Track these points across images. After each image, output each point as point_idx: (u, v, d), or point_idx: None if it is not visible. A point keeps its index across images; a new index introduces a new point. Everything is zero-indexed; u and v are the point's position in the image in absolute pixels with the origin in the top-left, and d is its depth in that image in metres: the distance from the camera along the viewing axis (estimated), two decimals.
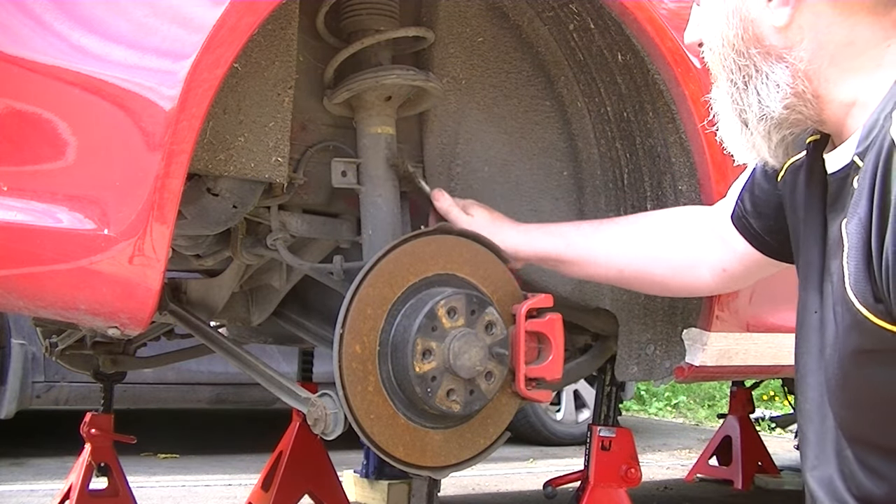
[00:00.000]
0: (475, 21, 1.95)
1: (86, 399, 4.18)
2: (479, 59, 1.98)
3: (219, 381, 4.72)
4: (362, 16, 1.80)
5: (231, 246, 1.98)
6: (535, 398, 1.73)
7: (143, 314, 1.41)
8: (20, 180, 1.37)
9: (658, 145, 1.94)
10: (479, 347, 1.62)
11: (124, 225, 1.34)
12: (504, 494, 4.61)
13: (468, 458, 1.73)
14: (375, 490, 3.82)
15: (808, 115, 1.12)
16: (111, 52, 1.37)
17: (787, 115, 1.12)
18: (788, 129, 1.15)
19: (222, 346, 2.05)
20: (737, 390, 4.93)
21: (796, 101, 1.11)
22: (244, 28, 1.41)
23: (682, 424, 8.47)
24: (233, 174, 1.64)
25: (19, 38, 1.37)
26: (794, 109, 1.11)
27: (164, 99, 1.34)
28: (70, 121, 1.37)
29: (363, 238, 1.81)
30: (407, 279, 1.64)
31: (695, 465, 5.04)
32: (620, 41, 1.86)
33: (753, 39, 1.09)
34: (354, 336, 1.59)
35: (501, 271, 1.75)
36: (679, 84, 1.81)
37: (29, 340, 4.13)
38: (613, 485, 2.30)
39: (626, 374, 2.06)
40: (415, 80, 1.79)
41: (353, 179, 1.80)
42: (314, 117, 1.86)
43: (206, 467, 4.68)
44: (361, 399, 1.60)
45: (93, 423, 2.99)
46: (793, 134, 1.16)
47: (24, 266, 1.39)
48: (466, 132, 1.99)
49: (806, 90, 1.09)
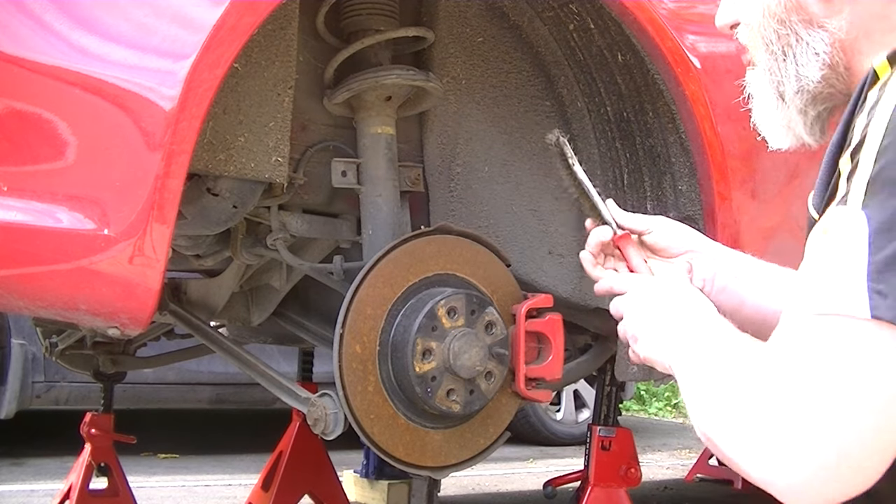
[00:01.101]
0: (475, 21, 1.95)
1: (86, 399, 4.18)
2: (479, 59, 1.98)
3: (219, 381, 4.72)
4: (362, 16, 1.80)
5: (231, 246, 1.98)
6: (535, 398, 1.73)
7: (143, 314, 1.41)
8: (20, 180, 1.37)
9: (658, 145, 1.94)
10: (479, 347, 1.62)
11: (124, 225, 1.34)
12: (504, 494, 4.61)
13: (468, 458, 1.73)
14: (375, 490, 3.82)
15: (839, 88, 1.14)
16: (111, 52, 1.37)
17: (822, 88, 1.14)
18: (823, 104, 1.17)
19: (222, 346, 2.06)
20: None
21: (830, 73, 1.12)
22: (244, 28, 1.41)
23: (682, 424, 8.46)
24: (233, 174, 1.64)
25: (19, 38, 1.37)
26: (828, 82, 1.13)
27: (165, 99, 1.34)
28: (70, 121, 1.37)
29: (363, 238, 1.81)
30: (407, 279, 1.64)
31: (695, 465, 5.04)
32: (620, 41, 1.86)
33: (796, 7, 1.10)
34: (354, 336, 1.59)
35: (501, 271, 1.75)
36: (679, 84, 1.81)
37: (29, 340, 4.12)
38: (613, 485, 2.30)
39: (626, 374, 2.06)
40: (415, 80, 1.79)
41: (354, 179, 1.80)
42: (314, 117, 1.86)
43: (206, 467, 4.68)
44: (361, 399, 1.60)
45: (93, 423, 2.99)
46: (827, 110, 1.18)
47: (24, 266, 1.39)
48: (466, 132, 1.99)
49: (839, 62, 1.11)
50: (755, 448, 0.87)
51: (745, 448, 0.89)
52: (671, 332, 1.14)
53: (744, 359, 0.96)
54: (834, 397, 0.82)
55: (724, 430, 0.92)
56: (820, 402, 0.82)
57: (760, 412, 0.87)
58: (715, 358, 1.01)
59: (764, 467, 0.86)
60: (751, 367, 0.93)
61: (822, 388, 0.82)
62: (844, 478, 0.83)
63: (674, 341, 1.12)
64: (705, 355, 1.03)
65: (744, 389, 0.91)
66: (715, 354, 1.01)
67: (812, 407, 0.82)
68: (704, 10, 1.96)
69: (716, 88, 1.87)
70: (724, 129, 1.86)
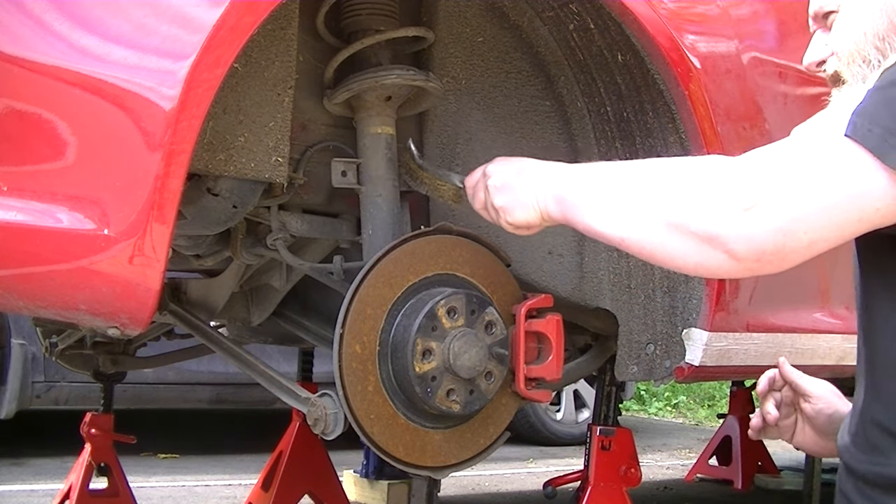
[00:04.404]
0: (475, 21, 1.95)
1: (86, 399, 4.18)
2: (479, 59, 1.98)
3: (219, 381, 4.72)
4: (362, 16, 1.80)
5: (231, 246, 1.98)
6: (534, 398, 1.73)
7: (143, 314, 1.41)
8: (20, 180, 1.37)
9: (658, 145, 1.93)
10: (479, 347, 1.62)
11: (124, 225, 1.34)
12: (504, 494, 4.61)
13: (468, 458, 1.73)
14: (375, 490, 3.82)
15: None
16: (111, 52, 1.37)
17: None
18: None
19: (222, 346, 2.06)
20: (737, 390, 4.93)
21: None
22: (244, 28, 1.41)
23: (682, 424, 8.47)
24: (233, 174, 1.64)
25: (19, 38, 1.37)
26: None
27: (164, 99, 1.34)
28: (70, 121, 1.37)
29: (363, 238, 1.81)
30: (407, 279, 1.64)
31: (695, 465, 5.04)
32: (620, 41, 1.85)
33: (893, 28, 1.27)
34: (354, 336, 1.59)
35: (501, 271, 1.75)
36: (679, 84, 1.81)
37: (29, 340, 4.13)
38: (613, 485, 2.30)
39: (626, 374, 2.06)
40: (415, 80, 1.79)
41: (353, 179, 1.80)
42: (314, 117, 1.86)
43: (206, 467, 4.68)
44: (361, 399, 1.60)
45: (93, 423, 2.99)
46: None
47: (24, 266, 1.39)
48: (466, 132, 1.99)
49: None
50: (714, 201, 1.08)
51: (702, 203, 1.09)
52: (555, 169, 1.38)
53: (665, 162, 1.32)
54: (802, 179, 1.05)
55: (680, 196, 1.12)
56: (791, 179, 1.05)
57: (728, 176, 1.10)
58: (639, 162, 1.28)
59: (717, 216, 1.07)
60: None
61: (795, 171, 1.06)
62: (780, 241, 1.05)
63: (563, 172, 1.35)
64: (622, 168, 1.28)
65: (704, 166, 1.15)
66: (631, 165, 1.28)
67: (782, 180, 1.06)
68: (704, 10, 1.96)
69: (716, 88, 1.87)
70: (724, 129, 1.86)
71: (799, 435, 1.49)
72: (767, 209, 1.05)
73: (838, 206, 1.04)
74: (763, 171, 1.08)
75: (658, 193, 1.15)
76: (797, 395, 1.48)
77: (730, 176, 1.10)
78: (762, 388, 1.50)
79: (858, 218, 1.05)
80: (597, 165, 1.33)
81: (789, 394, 1.49)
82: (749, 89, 1.95)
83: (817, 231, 1.05)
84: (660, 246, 1.14)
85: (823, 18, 1.39)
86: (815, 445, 1.48)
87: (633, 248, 1.19)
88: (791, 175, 1.06)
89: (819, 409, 1.46)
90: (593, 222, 1.23)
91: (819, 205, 1.04)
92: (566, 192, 1.31)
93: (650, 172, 1.21)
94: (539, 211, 1.37)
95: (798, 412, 1.49)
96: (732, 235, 1.06)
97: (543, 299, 1.72)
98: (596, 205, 1.24)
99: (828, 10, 1.37)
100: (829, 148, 1.06)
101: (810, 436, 1.48)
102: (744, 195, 1.06)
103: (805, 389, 1.46)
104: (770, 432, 1.51)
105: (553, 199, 1.33)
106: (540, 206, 1.36)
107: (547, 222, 1.38)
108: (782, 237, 1.05)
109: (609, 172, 1.28)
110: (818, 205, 1.04)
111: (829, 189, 1.04)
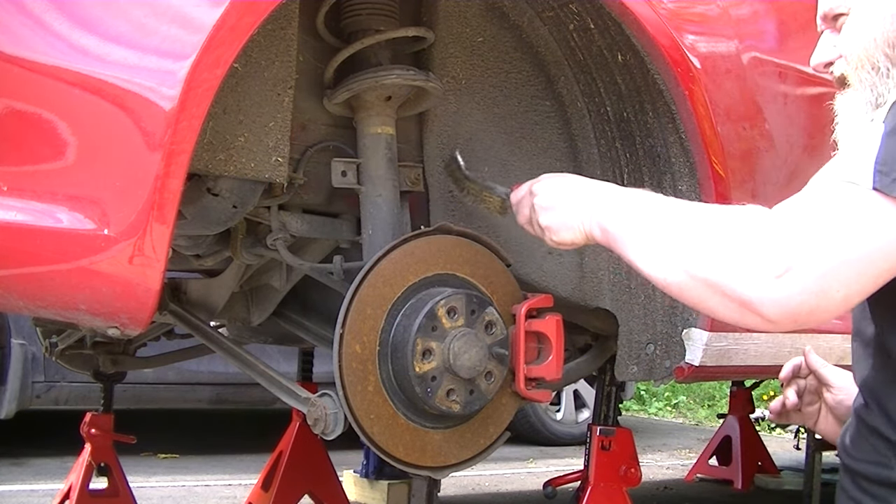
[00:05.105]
0: (475, 21, 1.95)
1: (86, 399, 4.18)
2: (479, 59, 1.98)
3: (219, 381, 4.72)
4: (362, 16, 1.80)
5: (231, 246, 1.98)
6: (534, 398, 1.73)
7: (143, 314, 1.41)
8: (20, 180, 1.37)
9: (658, 145, 1.94)
10: (479, 347, 1.62)
11: (124, 225, 1.34)
12: (504, 494, 4.61)
13: (468, 457, 1.73)
14: (375, 490, 3.82)
15: None
16: (111, 52, 1.37)
17: None
18: None
19: (222, 346, 2.06)
20: (737, 390, 4.93)
21: None
22: (244, 28, 1.41)
23: (682, 424, 8.47)
24: (233, 174, 1.64)
25: (19, 38, 1.37)
26: None
27: (164, 99, 1.34)
28: (70, 121, 1.37)
29: (363, 238, 1.81)
30: (407, 279, 1.64)
31: (695, 465, 5.04)
32: (620, 41, 1.85)
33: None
34: (354, 336, 1.59)
35: (501, 271, 1.75)
36: (679, 84, 1.81)
37: (29, 340, 4.13)
38: (613, 485, 2.30)
39: (626, 374, 2.06)
40: (415, 80, 1.79)
41: (353, 179, 1.80)
42: (314, 117, 1.86)
43: (206, 467, 4.68)
44: (361, 399, 1.60)
45: (93, 423, 2.99)
46: None
47: (24, 266, 1.39)
48: (466, 132, 1.99)
49: None
50: (747, 267, 1.09)
51: (735, 268, 1.10)
52: (601, 195, 1.38)
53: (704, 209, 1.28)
54: (830, 238, 1.06)
55: (716, 256, 1.13)
56: (819, 240, 1.06)
57: (760, 239, 1.10)
58: (680, 206, 1.26)
59: (750, 283, 1.08)
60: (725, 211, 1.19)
61: (823, 230, 1.06)
62: (813, 303, 1.06)
63: (609, 200, 1.35)
64: (667, 205, 1.27)
65: (739, 224, 1.14)
66: (676, 205, 1.27)
67: (811, 241, 1.06)
68: (704, 10, 1.96)
69: (716, 88, 1.87)
70: (724, 129, 1.86)
71: (822, 423, 1.52)
72: (798, 275, 1.06)
73: (871, 261, 1.06)
74: (794, 235, 1.08)
75: (697, 249, 1.16)
76: (820, 384, 1.50)
77: (763, 239, 1.10)
78: (785, 374, 1.53)
79: (890, 266, 1.07)
80: (641, 198, 1.32)
81: (814, 382, 1.52)
82: (749, 89, 1.95)
83: (850, 286, 1.06)
84: (699, 301, 1.17)
85: (833, 20, 1.38)
86: (835, 434, 1.50)
87: (674, 295, 1.21)
88: (823, 237, 1.06)
89: (840, 400, 1.48)
90: (636, 260, 1.25)
91: (851, 263, 1.05)
92: (610, 224, 1.32)
93: (691, 222, 1.20)
94: (584, 233, 1.39)
95: (821, 401, 1.51)
96: (766, 302, 1.08)
97: (543, 299, 1.72)
98: (639, 245, 1.25)
99: (838, 13, 1.36)
100: (859, 205, 1.06)
101: (832, 424, 1.51)
102: (775, 261, 1.07)
103: (827, 379, 1.49)
104: (793, 418, 1.55)
105: (598, 226, 1.35)
106: (585, 230, 1.39)
107: (591, 242, 1.40)
108: (815, 299, 1.06)
109: (653, 212, 1.27)
110: (851, 263, 1.05)
111: (862, 246, 1.05)
